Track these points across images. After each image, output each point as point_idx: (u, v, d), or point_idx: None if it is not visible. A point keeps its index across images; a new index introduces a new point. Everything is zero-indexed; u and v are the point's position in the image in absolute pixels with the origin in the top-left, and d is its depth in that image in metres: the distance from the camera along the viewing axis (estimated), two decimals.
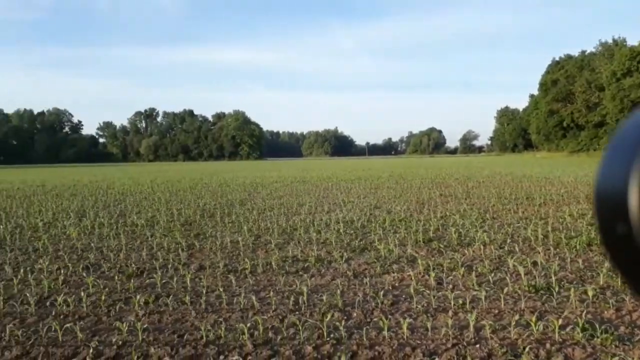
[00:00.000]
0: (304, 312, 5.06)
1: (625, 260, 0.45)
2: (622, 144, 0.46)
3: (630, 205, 0.43)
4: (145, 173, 44.65)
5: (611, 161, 0.46)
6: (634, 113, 0.49)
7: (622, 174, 0.44)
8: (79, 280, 6.49)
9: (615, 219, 0.44)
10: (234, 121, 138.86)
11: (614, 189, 0.44)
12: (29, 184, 28.11)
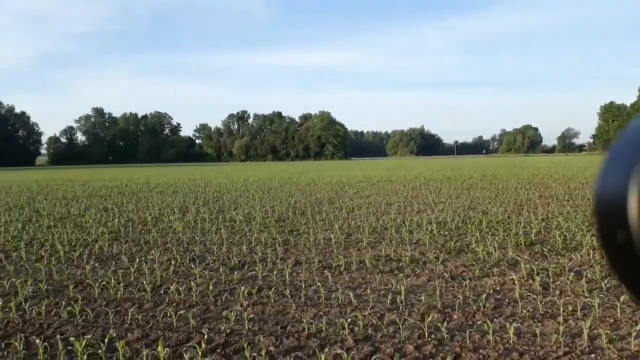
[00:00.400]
0: (402, 311, 5.03)
1: (624, 266, 0.45)
2: (622, 151, 0.46)
3: (630, 212, 0.43)
4: (238, 172, 46.78)
5: (611, 168, 0.46)
6: (634, 121, 0.49)
7: (622, 181, 0.44)
8: (187, 271, 6.97)
9: (614, 225, 0.44)
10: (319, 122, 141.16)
11: (613, 195, 0.45)
12: (135, 182, 30.60)
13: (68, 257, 8.03)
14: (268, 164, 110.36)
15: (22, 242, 9.35)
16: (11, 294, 5.98)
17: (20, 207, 16.15)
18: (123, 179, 35.25)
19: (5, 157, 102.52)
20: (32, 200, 18.41)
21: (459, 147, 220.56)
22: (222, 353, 4.19)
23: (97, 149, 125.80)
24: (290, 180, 29.67)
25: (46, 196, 20.39)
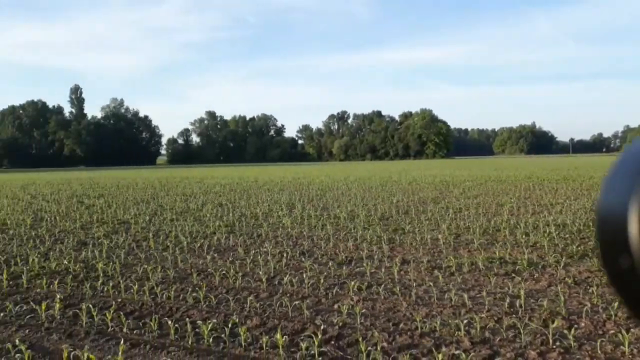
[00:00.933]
0: (521, 315, 4.76)
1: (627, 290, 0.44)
2: (621, 173, 0.45)
3: (631, 237, 0.42)
4: (338, 171, 47.42)
5: (611, 191, 0.46)
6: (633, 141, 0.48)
7: (623, 204, 0.43)
8: (297, 264, 7.22)
9: (617, 250, 0.43)
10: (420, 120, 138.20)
11: (614, 220, 0.44)
12: (244, 180, 32.31)
13: (190, 247, 8.71)
14: (367, 162, 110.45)
15: (150, 233, 10.31)
16: (144, 279, 6.62)
17: (146, 201, 17.82)
18: (233, 177, 37.39)
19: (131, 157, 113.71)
20: (155, 196, 20.22)
21: (575, 145, 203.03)
22: (336, 345, 4.28)
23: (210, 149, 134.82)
24: (390, 179, 29.42)
25: (167, 192, 22.28)
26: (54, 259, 7.87)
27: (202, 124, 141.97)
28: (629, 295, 0.45)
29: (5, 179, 41.22)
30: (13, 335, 4.76)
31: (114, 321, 4.90)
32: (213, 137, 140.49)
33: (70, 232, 10.76)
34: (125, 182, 32.22)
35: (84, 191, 23.93)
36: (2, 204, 17.46)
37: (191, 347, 4.32)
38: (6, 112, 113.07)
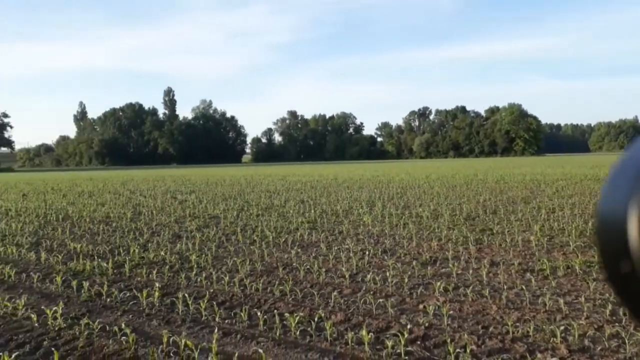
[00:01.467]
0: (625, 324, 4.39)
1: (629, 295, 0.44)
2: (621, 177, 0.45)
3: (631, 242, 0.41)
4: (419, 169, 46.49)
5: (611, 196, 0.45)
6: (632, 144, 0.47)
7: (622, 209, 0.42)
8: (379, 262, 7.19)
9: (617, 255, 0.43)
10: (508, 115, 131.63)
11: (614, 224, 0.43)
12: (324, 178, 32.71)
13: (275, 241, 8.99)
14: (450, 160, 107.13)
15: (238, 227, 10.77)
16: (233, 271, 6.94)
17: (233, 197, 18.62)
18: (313, 175, 38.00)
19: (218, 155, 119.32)
20: (241, 192, 21.07)
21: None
22: (422, 345, 4.21)
23: (291, 148, 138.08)
24: (476, 177, 28.32)
25: (252, 189, 23.13)
26: (152, 250, 8.48)
27: (284, 123, 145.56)
28: (630, 299, 0.45)
29: (107, 176, 44.97)
30: (119, 319, 5.20)
31: (207, 310, 5.18)
32: (294, 136, 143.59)
33: (165, 226, 11.52)
34: (213, 179, 33.89)
35: (177, 187, 25.49)
36: (105, 199, 19.09)
37: (279, 339, 4.47)
38: (108, 114, 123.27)
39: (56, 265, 7.61)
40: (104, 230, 10.94)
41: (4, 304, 5.54)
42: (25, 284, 6.68)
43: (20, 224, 12.19)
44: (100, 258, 8.00)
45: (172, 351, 4.18)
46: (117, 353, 4.28)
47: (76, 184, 31.52)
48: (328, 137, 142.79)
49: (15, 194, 22.90)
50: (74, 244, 9.17)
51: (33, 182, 34.47)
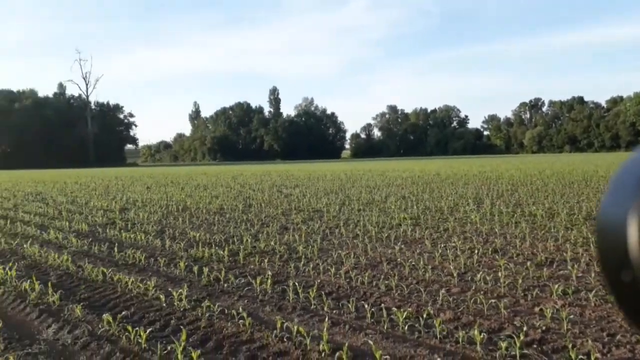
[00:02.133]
0: None
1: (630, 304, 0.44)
2: (620, 186, 0.46)
3: (631, 251, 0.42)
4: (531, 164, 43.59)
5: (611, 205, 0.46)
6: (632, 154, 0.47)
7: (622, 219, 0.43)
8: (490, 262, 6.91)
9: (618, 265, 0.43)
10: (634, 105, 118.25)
11: (614, 234, 0.44)
12: (426, 173, 31.98)
13: (378, 236, 9.01)
14: (565, 155, 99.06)
15: (341, 221, 10.96)
16: (338, 263, 7.09)
17: (335, 192, 18.95)
18: (414, 170, 37.33)
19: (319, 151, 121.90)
20: (342, 187, 21.36)
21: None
22: (539, 349, 3.99)
23: (390, 143, 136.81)
24: (597, 173, 25.89)
25: (353, 184, 23.33)
26: (263, 240, 8.94)
27: (383, 118, 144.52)
28: (631, 309, 0.45)
29: (219, 171, 48.02)
30: (235, 303, 5.57)
31: (316, 300, 5.36)
32: (394, 131, 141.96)
33: (273, 218, 12.07)
34: (315, 174, 34.73)
35: (282, 182, 26.52)
36: (218, 192, 20.43)
37: (387, 332, 4.49)
38: (219, 113, 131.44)
39: (179, 251, 8.34)
40: (219, 221, 11.74)
41: (137, 285, 6.19)
42: (153, 268, 7.41)
43: (146, 213, 13.48)
44: (216, 246, 8.62)
45: (285, 336, 4.40)
46: (234, 335, 4.60)
47: (192, 177, 34.08)
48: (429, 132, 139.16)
49: (141, 187, 25.35)
50: (193, 233, 9.96)
51: (155, 176, 37.89)
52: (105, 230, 10.71)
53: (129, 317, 5.18)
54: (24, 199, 19.53)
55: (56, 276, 7.00)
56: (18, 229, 11.34)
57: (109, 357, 4.20)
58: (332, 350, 4.06)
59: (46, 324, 5.08)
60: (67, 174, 46.69)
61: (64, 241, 9.56)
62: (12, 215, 14.05)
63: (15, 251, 8.92)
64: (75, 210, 14.88)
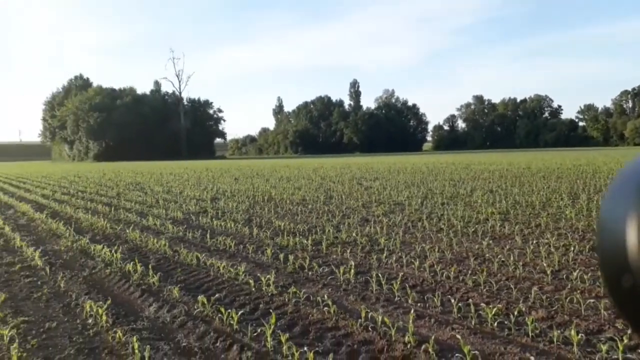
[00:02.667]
0: None
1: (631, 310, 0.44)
2: (620, 192, 0.46)
3: (632, 257, 0.42)
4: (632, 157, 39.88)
5: (610, 211, 0.46)
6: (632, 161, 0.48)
7: (622, 224, 0.43)
8: (587, 260, 6.47)
9: (618, 270, 0.43)
10: None
11: (614, 239, 0.44)
12: (515, 166, 30.41)
13: (463, 231, 8.75)
14: None
15: (423, 215, 10.77)
16: (422, 257, 6.99)
17: (416, 185, 18.62)
18: (502, 163, 35.65)
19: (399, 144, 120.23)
20: (424, 180, 20.93)
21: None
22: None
23: (476, 135, 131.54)
24: None
25: (435, 177, 22.78)
26: (344, 231, 9.03)
27: (469, 109, 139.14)
28: (632, 313, 0.45)
29: (301, 163, 49.02)
30: (320, 291, 5.70)
31: (400, 292, 5.34)
32: (479, 122, 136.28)
33: (354, 210, 12.13)
34: (395, 167, 34.33)
35: (362, 174, 26.53)
36: (300, 184, 20.88)
37: (474, 328, 4.38)
38: (301, 107, 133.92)
39: (265, 239, 8.66)
40: (301, 211, 12.02)
41: (228, 269, 6.53)
42: (242, 254, 7.76)
43: (234, 203, 14.13)
44: (300, 235, 8.84)
45: (369, 326, 4.43)
46: (320, 322, 4.72)
47: (275, 170, 35.12)
48: (519, 123, 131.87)
49: (229, 178, 26.56)
50: (278, 222, 10.29)
51: (241, 168, 39.52)
52: (198, 218, 11.38)
53: (221, 299, 5.48)
54: (125, 188, 21.23)
55: (155, 259, 7.56)
56: (121, 215, 12.38)
57: (204, 336, 4.48)
58: (418, 343, 4.03)
59: (147, 303, 5.52)
60: (162, 165, 50.05)
61: (161, 227, 10.29)
62: (116, 203, 15.35)
63: (119, 235, 9.75)
64: (170, 199, 15.95)
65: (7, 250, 8.56)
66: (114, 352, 4.20)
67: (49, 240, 9.56)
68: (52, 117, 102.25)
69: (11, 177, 33.92)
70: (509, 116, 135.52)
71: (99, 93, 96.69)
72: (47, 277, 6.72)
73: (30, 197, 18.18)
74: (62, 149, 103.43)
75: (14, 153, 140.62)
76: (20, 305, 5.54)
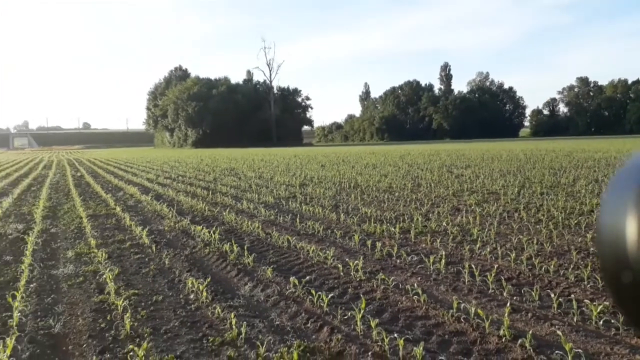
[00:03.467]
0: None
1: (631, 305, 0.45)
2: (621, 188, 0.46)
3: (631, 252, 0.42)
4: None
5: (610, 207, 0.46)
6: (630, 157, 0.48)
7: (622, 220, 0.43)
8: None
9: (618, 265, 0.44)
10: None
11: (614, 235, 0.44)
12: (624, 154, 27.73)
13: (565, 223, 8.18)
14: None
15: (520, 205, 10.21)
16: (518, 249, 6.65)
17: (512, 173, 17.67)
18: (609, 150, 32.71)
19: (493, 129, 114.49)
20: (521, 168, 19.80)
21: None
22: None
23: (579, 120, 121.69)
24: None
25: (533, 165, 21.45)
26: (434, 220, 8.83)
27: (571, 92, 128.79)
28: (631, 309, 0.45)
29: (387, 150, 48.53)
30: (408, 279, 5.64)
31: (494, 284, 5.14)
32: (584, 106, 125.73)
33: (444, 198, 11.80)
34: (489, 154, 32.81)
35: (452, 162, 25.68)
36: (387, 171, 20.69)
37: (576, 325, 4.11)
38: (388, 92, 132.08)
39: (352, 225, 8.73)
40: (388, 199, 11.93)
41: (317, 253, 6.68)
42: (330, 239, 7.89)
43: (322, 189, 14.36)
44: (388, 223, 8.79)
45: (461, 317, 4.32)
46: (409, 309, 4.68)
47: (361, 157, 35.10)
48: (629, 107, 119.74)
49: (316, 165, 27.01)
50: (365, 209, 10.31)
51: (328, 155, 39.98)
52: (288, 203, 11.74)
53: (311, 281, 5.63)
54: (221, 173, 22.40)
55: (249, 241, 7.93)
56: (217, 198, 13.10)
57: (296, 316, 4.64)
58: (514, 337, 3.87)
59: (243, 282, 5.82)
60: (254, 152, 52.07)
61: (254, 211, 10.75)
62: (213, 187, 16.26)
63: (216, 217, 10.34)
64: (262, 184, 16.58)
65: (118, 228, 9.42)
66: (213, 326, 4.49)
67: (154, 220, 10.38)
68: (155, 107, 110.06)
69: (120, 162, 37.17)
70: (618, 99, 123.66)
71: (197, 83, 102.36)
72: (153, 254, 7.31)
73: (136, 180, 19.82)
74: (164, 136, 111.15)
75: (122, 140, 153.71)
76: (130, 279, 6.09)
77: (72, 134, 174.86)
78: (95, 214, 11.06)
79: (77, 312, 4.95)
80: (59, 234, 9.11)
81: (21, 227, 9.72)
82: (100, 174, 24.08)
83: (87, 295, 5.47)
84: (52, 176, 23.53)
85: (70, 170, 27.49)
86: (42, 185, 19.07)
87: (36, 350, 4.07)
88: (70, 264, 6.83)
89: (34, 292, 5.60)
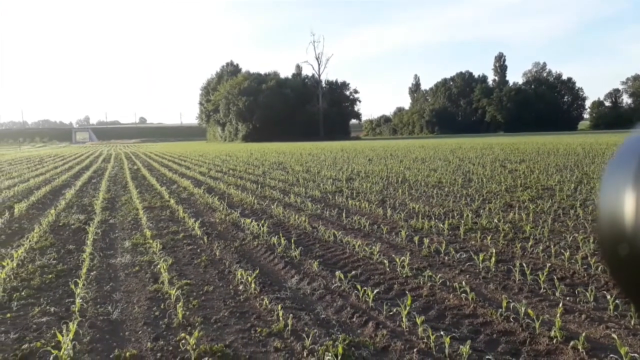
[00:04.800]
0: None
1: (627, 280, 0.45)
2: (620, 164, 0.47)
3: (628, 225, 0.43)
4: None
5: (610, 184, 0.47)
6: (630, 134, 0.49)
7: (621, 196, 0.44)
8: None
9: (615, 239, 0.45)
10: None
11: (613, 210, 0.45)
12: None
13: None
14: None
15: (577, 202, 9.78)
16: (573, 247, 6.39)
17: (569, 168, 16.92)
18: None
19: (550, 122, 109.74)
20: (579, 163, 18.92)
21: None
22: None
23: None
24: None
25: (592, 159, 20.45)
26: (485, 217, 8.62)
27: (636, 83, 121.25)
28: (626, 282, 0.46)
29: (437, 144, 47.60)
30: (456, 277, 5.55)
31: (546, 283, 4.97)
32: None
33: (496, 194, 11.48)
34: (545, 148, 31.53)
35: (506, 156, 24.87)
36: (436, 165, 20.32)
37: (634, 329, 3.92)
38: (439, 84, 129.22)
39: (399, 221, 8.66)
40: (437, 194, 11.74)
41: (363, 248, 6.69)
42: (376, 234, 7.87)
43: (368, 184, 14.31)
44: (436, 219, 8.67)
45: (510, 316, 4.22)
46: (456, 307, 4.61)
47: (410, 150, 34.63)
48: None
49: (363, 159, 26.91)
50: (413, 204, 10.20)
51: (375, 149, 39.72)
52: (334, 197, 11.78)
53: (357, 276, 5.65)
54: (270, 167, 22.76)
55: (296, 234, 8.04)
56: (266, 192, 13.33)
57: (341, 310, 4.68)
58: (565, 338, 3.74)
59: (290, 275, 5.92)
60: (302, 146, 52.50)
61: (301, 205, 10.88)
62: (262, 180, 16.56)
63: (265, 211, 10.54)
64: (309, 178, 16.72)
65: (172, 220, 9.80)
66: (261, 317, 4.61)
67: (205, 213, 10.72)
68: (207, 102, 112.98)
69: (174, 155, 38.50)
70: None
71: (247, 78, 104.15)
72: (205, 245, 7.56)
73: (189, 173, 20.49)
74: (215, 131, 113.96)
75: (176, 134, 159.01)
76: (183, 270, 6.33)
77: (129, 128, 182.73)
78: (151, 206, 11.54)
79: (133, 299, 5.21)
80: (117, 224, 9.59)
81: (82, 217, 10.30)
82: (155, 167, 25.04)
83: (143, 284, 5.74)
84: (110, 169, 24.72)
85: (127, 164, 28.76)
86: (101, 177, 20.08)
87: (96, 334, 4.32)
88: (127, 253, 7.18)
89: (94, 279, 5.94)
